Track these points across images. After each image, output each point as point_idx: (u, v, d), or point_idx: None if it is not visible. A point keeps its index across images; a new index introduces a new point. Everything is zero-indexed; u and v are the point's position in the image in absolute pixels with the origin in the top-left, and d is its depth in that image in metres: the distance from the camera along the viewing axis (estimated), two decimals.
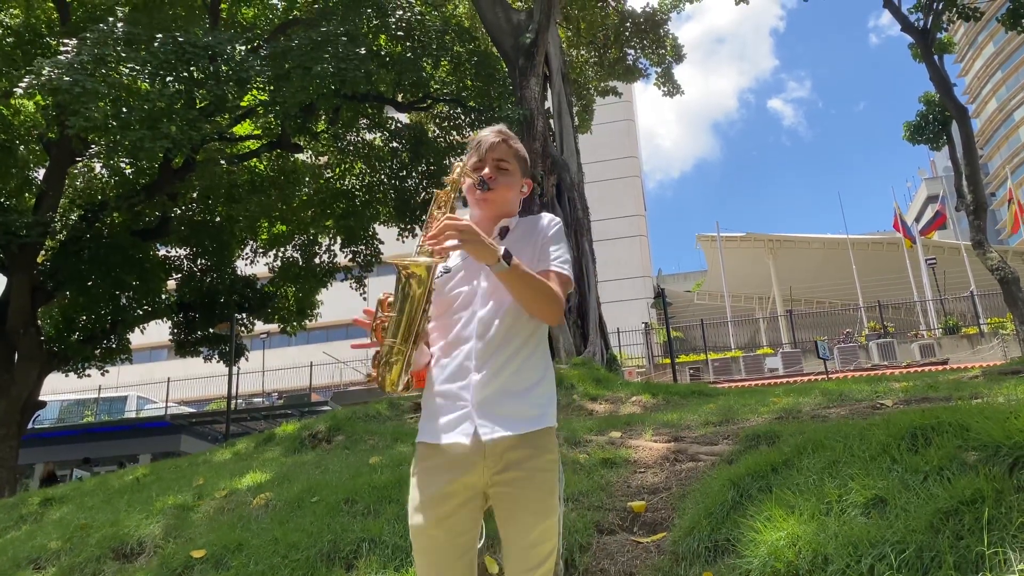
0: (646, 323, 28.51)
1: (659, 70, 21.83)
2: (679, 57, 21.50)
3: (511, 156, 2.22)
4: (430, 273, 1.94)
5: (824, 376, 16.99)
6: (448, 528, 2.02)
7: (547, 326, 2.19)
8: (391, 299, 1.96)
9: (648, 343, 27.67)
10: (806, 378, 18.62)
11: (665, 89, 22.09)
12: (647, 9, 20.97)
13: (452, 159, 16.09)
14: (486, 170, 2.18)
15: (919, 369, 18.21)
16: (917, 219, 36.50)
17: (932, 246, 29.63)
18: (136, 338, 20.62)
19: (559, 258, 2.14)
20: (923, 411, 3.75)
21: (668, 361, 22.25)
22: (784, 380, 19.29)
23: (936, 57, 20.00)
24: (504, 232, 2.21)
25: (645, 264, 43.21)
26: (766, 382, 19.12)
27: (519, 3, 18.71)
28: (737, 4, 20.55)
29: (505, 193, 2.20)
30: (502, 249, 1.92)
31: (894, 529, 2.70)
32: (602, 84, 21.97)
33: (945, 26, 20.72)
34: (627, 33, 20.82)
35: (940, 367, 18.90)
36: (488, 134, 2.24)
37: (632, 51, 21.48)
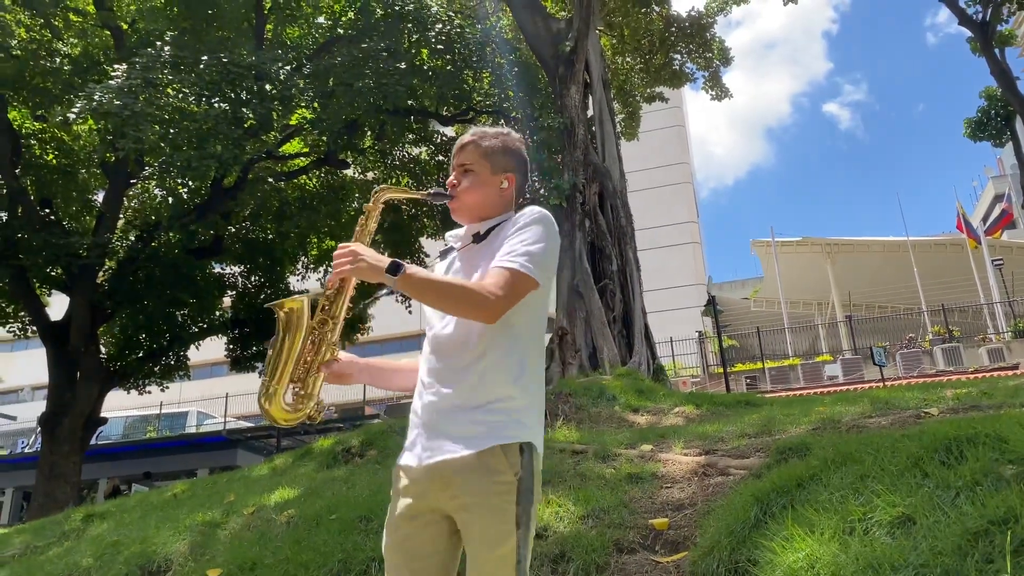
0: (700, 332, 28.02)
1: (706, 74, 21.50)
2: (726, 60, 21.15)
3: (477, 156, 2.09)
4: (305, 310, 1.98)
5: (882, 383, 16.42)
6: (405, 552, 1.93)
7: (520, 335, 1.97)
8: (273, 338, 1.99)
9: (702, 352, 27.17)
10: (866, 385, 18.03)
11: (713, 93, 21.75)
12: (692, 13, 20.68)
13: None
14: (451, 178, 2.12)
15: (987, 374, 17.47)
16: (984, 219, 35.13)
17: (999, 246, 28.45)
18: (197, 354, 21.08)
19: (510, 252, 1.92)
20: (960, 421, 3.51)
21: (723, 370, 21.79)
22: (844, 388, 18.74)
23: (997, 50, 19.30)
24: (477, 237, 2.07)
25: (699, 272, 42.57)
26: (824, 390, 18.58)
27: (562, 13, 18.65)
28: (785, 4, 20.14)
29: (471, 197, 2.07)
30: (386, 262, 1.83)
31: (919, 551, 2.50)
32: (648, 90, 21.72)
33: (1006, 18, 19.99)
34: (672, 38, 20.55)
35: (1010, 372, 18.11)
36: (463, 137, 2.16)
37: (678, 56, 21.19)
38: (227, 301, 21.07)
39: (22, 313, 18.49)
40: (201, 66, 13.17)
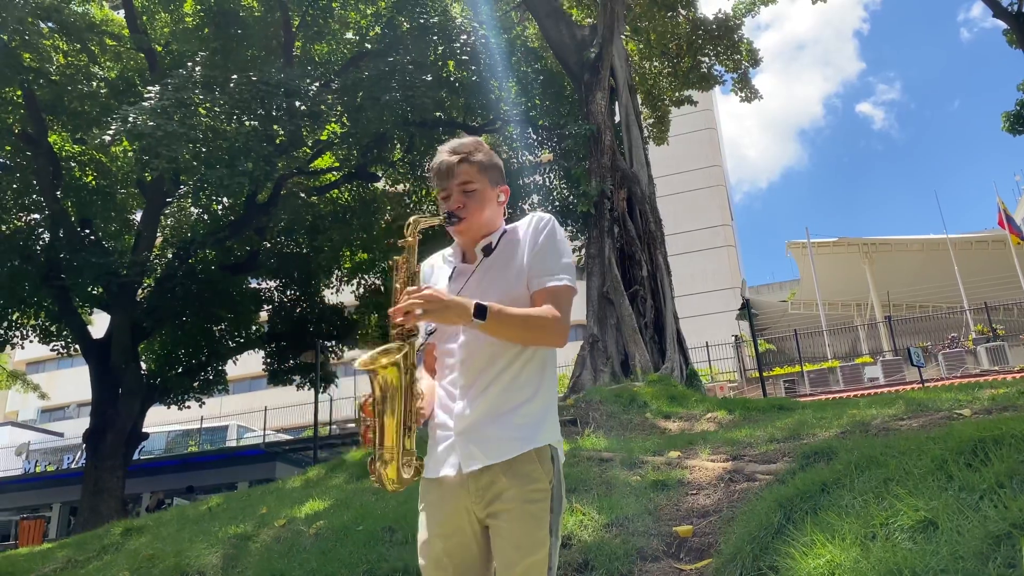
0: (736, 336, 27.73)
1: (735, 76, 21.32)
2: (755, 62, 20.95)
3: (475, 173, 2.06)
4: (403, 367, 1.85)
5: (921, 384, 16.10)
6: (446, 569, 1.93)
7: None
8: (370, 401, 1.88)
9: (739, 356, 26.89)
10: (908, 387, 17.69)
11: (743, 95, 21.55)
12: (719, 15, 20.53)
13: (524, 179, 16.06)
14: (451, 199, 2.05)
15: None
16: None
17: None
18: (235, 369, 21.39)
19: (547, 270, 1.97)
20: (987, 422, 3.43)
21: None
22: (885, 390, 18.40)
23: None
24: (488, 250, 2.07)
25: (734, 275, 42.10)
26: (865, 392, 18.26)
27: (587, 20, 18.65)
28: (814, 3, 19.95)
29: (478, 216, 2.06)
30: (472, 305, 1.80)
31: (940, 556, 2.45)
32: (677, 94, 21.58)
33: None
34: (699, 41, 20.41)
35: None
36: (445, 156, 2.07)
37: (706, 59, 21.03)
38: (263, 315, 21.37)
39: (65, 332, 18.92)
40: (231, 85, 13.38)
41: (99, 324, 19.33)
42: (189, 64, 13.96)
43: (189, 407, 20.30)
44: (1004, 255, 27.29)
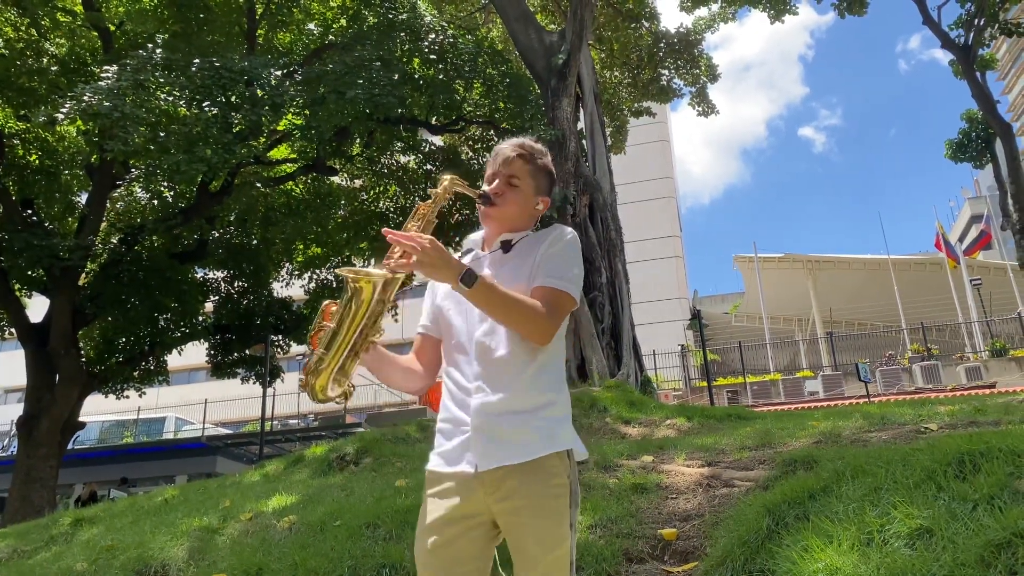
0: (682, 345, 28.16)
1: (694, 90, 21.70)
2: (714, 77, 21.37)
3: (526, 173, 2.09)
4: (377, 289, 1.85)
5: (865, 399, 16.57)
6: (444, 557, 1.90)
7: (558, 345, 2.04)
8: (334, 307, 1.89)
9: (684, 365, 27.30)
10: (847, 401, 18.19)
11: (700, 109, 21.95)
12: (681, 29, 20.89)
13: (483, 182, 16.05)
14: (494, 184, 2.09)
15: (965, 392, 17.68)
16: (961, 239, 35.60)
17: (977, 266, 28.89)
18: (175, 360, 20.85)
19: (554, 273, 1.97)
20: (971, 436, 3.56)
21: (705, 384, 21.89)
22: (825, 404, 18.89)
23: (979, 74, 19.67)
24: (507, 246, 2.08)
25: (681, 286, 42.80)
26: (806, 405, 18.70)
27: (552, 25, 18.76)
28: (773, 23, 20.40)
29: (510, 209, 2.08)
30: (463, 269, 1.79)
31: (941, 562, 2.53)
32: (636, 104, 21.88)
33: (987, 41, 20.37)
34: (661, 54, 20.74)
35: (987, 390, 18.34)
36: (506, 147, 2.12)
37: (666, 71, 21.38)
38: (209, 306, 20.89)
39: (1, 315, 18.24)
40: (193, 69, 13.07)
41: (36, 308, 18.66)
42: (149, 46, 13.59)
43: (128, 397, 19.74)
44: (941, 278, 28.31)
